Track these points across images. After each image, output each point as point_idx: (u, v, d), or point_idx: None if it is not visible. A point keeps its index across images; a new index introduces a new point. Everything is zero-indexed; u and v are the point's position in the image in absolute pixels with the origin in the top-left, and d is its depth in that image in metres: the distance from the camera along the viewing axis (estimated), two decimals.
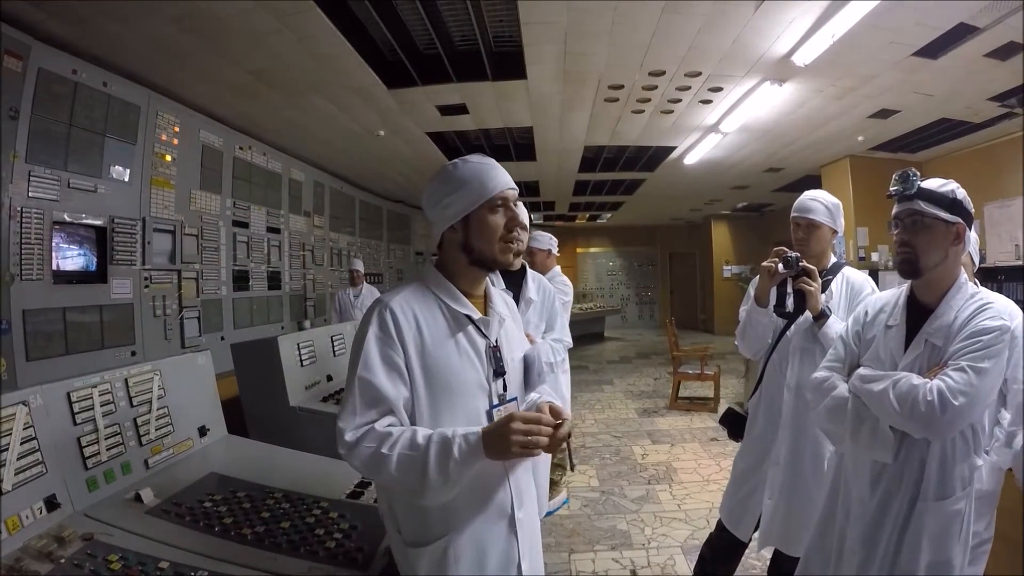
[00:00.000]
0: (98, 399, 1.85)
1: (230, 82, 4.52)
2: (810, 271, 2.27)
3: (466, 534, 1.35)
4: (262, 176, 6.01)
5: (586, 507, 4.12)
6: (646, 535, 3.66)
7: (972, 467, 1.61)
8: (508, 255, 1.47)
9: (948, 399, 1.47)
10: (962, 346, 1.55)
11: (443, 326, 1.41)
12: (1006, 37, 3.95)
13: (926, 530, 1.57)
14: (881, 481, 1.65)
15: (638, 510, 4.03)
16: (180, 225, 4.72)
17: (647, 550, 3.46)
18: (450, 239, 1.46)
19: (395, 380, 1.33)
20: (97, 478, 1.76)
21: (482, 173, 1.43)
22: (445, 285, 1.46)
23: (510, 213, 1.46)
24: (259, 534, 1.62)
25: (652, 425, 6.25)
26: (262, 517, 1.72)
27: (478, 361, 1.43)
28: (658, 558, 3.37)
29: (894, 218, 1.72)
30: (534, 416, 1.28)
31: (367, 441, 1.28)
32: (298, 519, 1.72)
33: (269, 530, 1.65)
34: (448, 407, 1.36)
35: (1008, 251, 6.54)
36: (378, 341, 1.35)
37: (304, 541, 1.60)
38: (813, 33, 3.91)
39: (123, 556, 1.45)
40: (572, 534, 3.70)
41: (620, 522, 3.84)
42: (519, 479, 1.45)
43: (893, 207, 1.73)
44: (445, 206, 1.43)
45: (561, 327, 3.01)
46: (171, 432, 2.11)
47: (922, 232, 1.65)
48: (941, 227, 1.64)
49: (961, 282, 1.68)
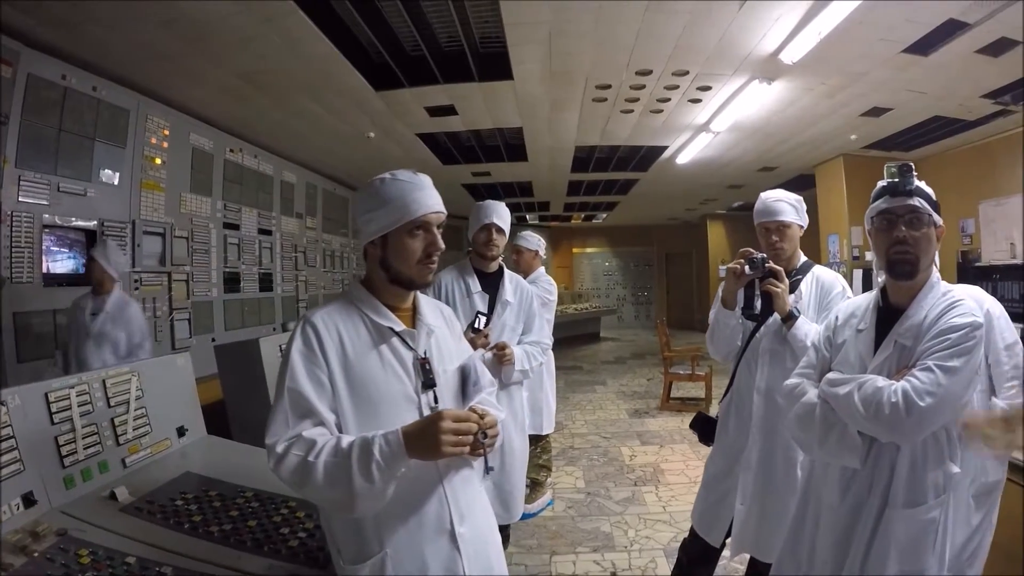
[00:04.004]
0: (75, 399, 1.88)
1: (219, 85, 4.54)
2: (776, 272, 2.24)
3: (403, 550, 1.34)
4: (253, 178, 6.03)
5: (570, 508, 4.13)
6: (629, 537, 3.66)
7: (947, 474, 1.54)
8: (427, 276, 1.47)
9: (913, 400, 1.42)
10: (930, 345, 1.51)
11: (366, 339, 1.42)
12: (997, 33, 3.92)
13: (894, 538, 1.52)
14: (851, 487, 1.61)
15: (623, 512, 4.03)
16: (170, 228, 4.74)
17: (629, 552, 3.47)
18: (371, 254, 1.47)
19: (321, 395, 1.34)
20: (74, 476, 1.79)
21: (406, 194, 1.42)
22: (368, 299, 1.47)
23: (430, 237, 1.45)
24: (225, 532, 1.65)
25: (642, 426, 6.27)
26: (230, 516, 1.74)
27: (404, 374, 1.43)
28: (640, 560, 3.37)
29: (883, 213, 1.64)
30: (464, 414, 1.29)
31: (295, 449, 1.27)
32: (265, 518, 1.74)
33: (236, 528, 1.67)
34: (374, 420, 1.35)
35: (1003, 250, 6.49)
36: (302, 356, 1.36)
37: (268, 539, 1.62)
38: (800, 30, 3.89)
39: (93, 551, 1.49)
40: (555, 536, 3.71)
41: (604, 524, 3.85)
42: (457, 491, 1.43)
43: (877, 202, 1.65)
44: (367, 221, 1.44)
45: (539, 329, 2.99)
46: (149, 432, 2.13)
47: (922, 231, 1.59)
48: (933, 227, 1.61)
49: (933, 281, 1.63)
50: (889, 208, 1.62)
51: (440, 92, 5.00)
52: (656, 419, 6.53)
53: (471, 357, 1.63)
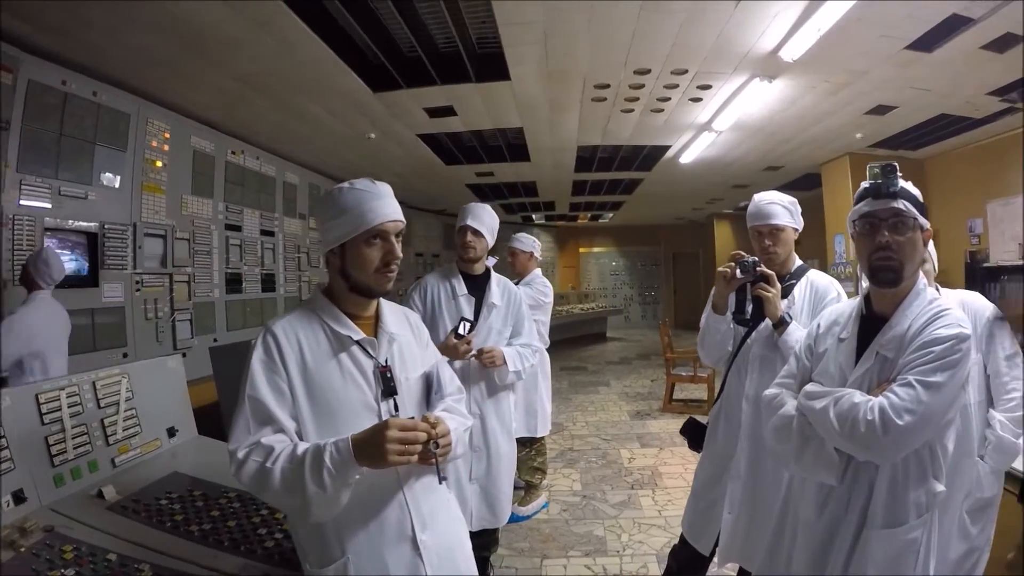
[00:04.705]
0: (65, 400, 1.93)
1: (217, 88, 4.57)
2: (768, 276, 2.19)
3: (364, 556, 1.37)
4: (255, 180, 6.06)
5: (565, 511, 4.12)
6: (622, 542, 3.64)
7: (930, 493, 1.45)
8: (385, 285, 1.49)
9: (891, 418, 1.34)
10: (912, 358, 1.42)
11: (326, 348, 1.43)
12: (1002, 28, 3.85)
13: (872, 560, 1.44)
14: (828, 504, 1.54)
15: (617, 516, 4.01)
16: (171, 229, 4.78)
17: (621, 557, 3.45)
18: (332, 263, 1.49)
19: (281, 402, 1.36)
20: (64, 475, 1.84)
21: (363, 203, 1.43)
22: (328, 308, 1.48)
23: (387, 246, 1.47)
24: (205, 531, 1.68)
25: (643, 428, 6.23)
26: (211, 516, 1.77)
27: (364, 382, 1.44)
28: (631, 565, 3.35)
29: (865, 216, 1.55)
30: (411, 423, 1.30)
31: (254, 455, 1.30)
32: (245, 518, 1.77)
33: (215, 528, 1.70)
34: (332, 428, 1.37)
35: (1012, 250, 6.38)
36: (263, 365, 1.38)
37: (245, 539, 1.65)
38: (799, 28, 3.86)
39: (77, 548, 1.54)
40: (547, 539, 3.70)
41: (598, 528, 3.83)
42: (418, 498, 1.45)
43: (859, 205, 1.57)
44: (326, 230, 1.46)
45: (529, 331, 2.96)
46: (139, 432, 2.17)
47: (907, 235, 1.50)
48: (919, 231, 1.52)
49: (919, 289, 1.55)
50: (872, 211, 1.53)
51: (438, 93, 5.01)
52: (657, 421, 6.50)
53: (436, 364, 1.64)
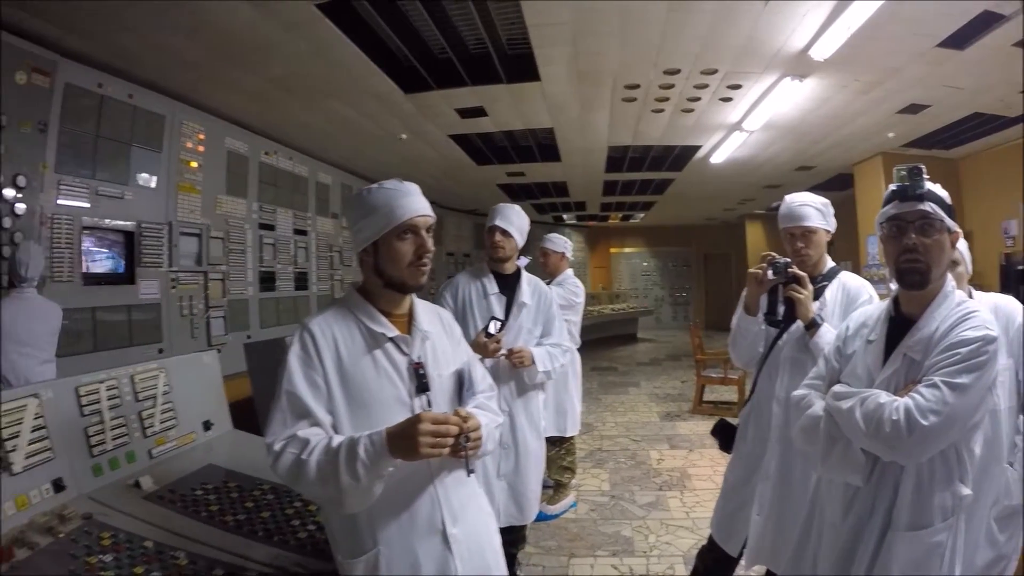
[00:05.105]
0: (105, 394, 1.98)
1: (249, 90, 4.66)
2: (800, 277, 2.18)
3: (396, 548, 1.39)
4: (288, 180, 6.16)
5: (593, 511, 4.11)
6: (649, 542, 3.62)
7: (956, 496, 1.45)
8: (419, 279, 1.51)
9: (916, 419, 1.35)
10: (938, 360, 1.43)
11: (360, 345, 1.46)
12: None
13: (896, 562, 1.44)
14: (853, 506, 1.54)
15: (645, 516, 3.99)
16: (206, 228, 4.88)
17: (647, 558, 3.43)
18: (365, 262, 1.52)
19: (317, 397, 1.39)
20: (102, 465, 1.88)
21: (392, 200, 1.47)
22: (363, 305, 1.52)
23: (419, 240, 1.50)
24: (239, 522, 1.71)
25: (672, 429, 6.18)
26: (246, 507, 1.81)
27: (398, 378, 1.47)
28: (658, 566, 3.33)
29: (892, 219, 1.56)
30: (443, 416, 1.32)
31: (290, 448, 1.33)
32: (278, 510, 1.80)
33: (249, 518, 1.74)
34: (367, 423, 1.38)
35: None
36: (300, 361, 1.41)
37: (279, 530, 1.69)
38: (829, 26, 3.81)
39: (114, 534, 1.58)
40: (575, 538, 3.70)
41: (625, 528, 3.82)
42: (449, 492, 1.47)
43: (886, 207, 1.58)
44: (358, 231, 1.50)
45: (559, 331, 2.96)
46: (175, 425, 2.21)
47: (934, 238, 1.51)
48: (946, 234, 1.53)
49: (947, 291, 1.55)
50: (898, 214, 1.54)
51: (469, 94, 5.04)
52: (687, 423, 6.43)
53: (468, 361, 1.67)
